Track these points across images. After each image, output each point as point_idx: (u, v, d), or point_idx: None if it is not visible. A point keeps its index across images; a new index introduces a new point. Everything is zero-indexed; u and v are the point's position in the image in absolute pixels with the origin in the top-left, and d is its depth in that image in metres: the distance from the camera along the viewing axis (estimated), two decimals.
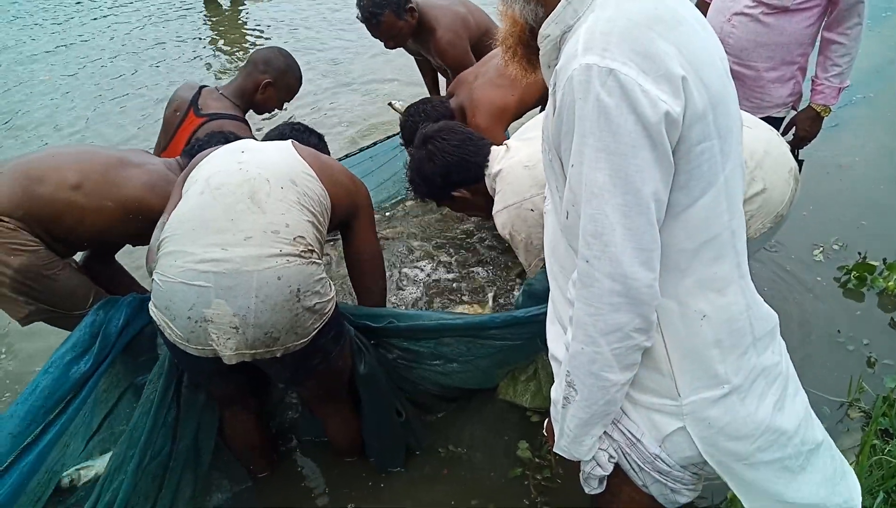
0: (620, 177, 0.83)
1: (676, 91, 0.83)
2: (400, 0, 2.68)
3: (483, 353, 1.93)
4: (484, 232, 3.00)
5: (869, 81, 4.45)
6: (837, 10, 2.17)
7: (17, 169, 1.80)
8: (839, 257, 2.79)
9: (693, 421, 0.99)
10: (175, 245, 1.55)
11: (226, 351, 1.52)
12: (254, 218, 1.54)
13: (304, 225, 1.60)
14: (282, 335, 1.53)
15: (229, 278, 1.48)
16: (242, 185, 1.59)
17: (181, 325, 1.52)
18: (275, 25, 6.64)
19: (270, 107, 2.54)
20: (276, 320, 1.51)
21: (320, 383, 1.77)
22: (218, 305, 1.48)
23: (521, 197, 1.76)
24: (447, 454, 2.06)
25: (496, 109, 2.53)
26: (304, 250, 1.56)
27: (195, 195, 1.62)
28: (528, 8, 0.99)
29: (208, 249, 1.51)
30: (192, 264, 1.50)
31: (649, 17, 0.85)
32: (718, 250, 0.94)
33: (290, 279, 1.51)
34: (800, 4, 2.17)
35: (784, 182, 1.71)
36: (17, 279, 1.75)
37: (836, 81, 2.27)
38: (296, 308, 1.52)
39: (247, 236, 1.52)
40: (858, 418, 2.08)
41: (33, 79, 5.64)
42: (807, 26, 2.22)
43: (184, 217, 1.59)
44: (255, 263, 1.49)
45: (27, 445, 1.63)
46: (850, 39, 2.20)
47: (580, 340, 0.94)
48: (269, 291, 1.49)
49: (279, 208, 1.57)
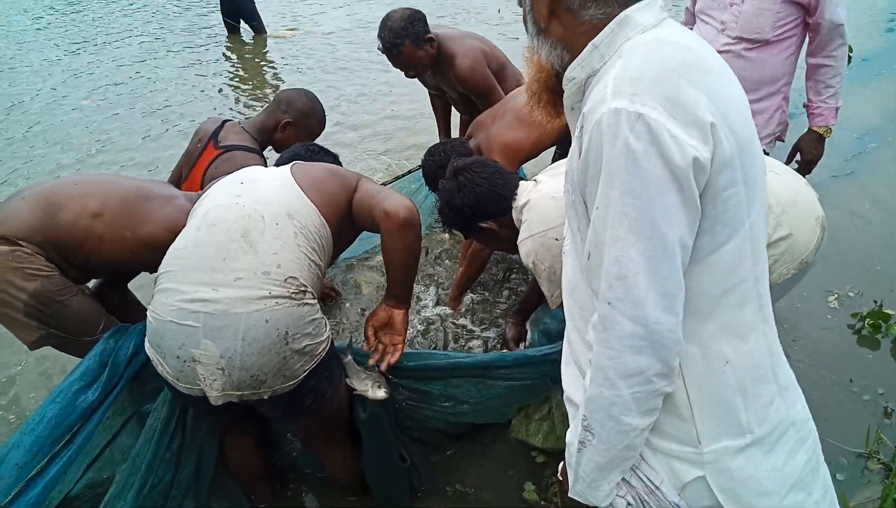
0: (647, 221, 0.83)
1: (705, 137, 0.83)
2: (419, 30, 2.77)
3: (493, 394, 1.90)
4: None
5: (884, 129, 4.49)
6: (819, 35, 2.20)
7: (39, 195, 1.82)
8: (854, 305, 2.76)
9: (714, 471, 0.96)
10: (168, 282, 1.55)
11: (212, 392, 1.50)
12: (245, 258, 1.52)
13: (298, 264, 1.56)
14: (269, 378, 1.50)
15: (218, 320, 1.46)
16: (237, 222, 1.57)
17: (171, 363, 1.51)
18: (293, 62, 6.78)
19: (288, 146, 2.57)
20: (262, 363, 1.48)
21: (315, 422, 1.73)
22: (206, 346, 1.47)
23: (547, 226, 1.77)
24: (454, 493, 2.02)
25: (510, 150, 2.59)
26: (295, 292, 1.53)
27: (192, 231, 1.61)
28: (555, 53, 1.00)
29: (199, 288, 1.50)
30: (183, 303, 1.49)
31: (679, 63, 0.86)
32: (742, 295, 0.93)
33: (278, 323, 1.48)
34: (779, 35, 2.21)
35: (810, 229, 1.71)
36: (30, 304, 1.75)
37: (833, 102, 2.31)
38: (284, 351, 1.49)
39: (237, 277, 1.50)
40: (877, 469, 2.03)
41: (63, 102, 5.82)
42: (787, 56, 2.27)
43: (178, 254, 1.59)
44: (244, 305, 1.47)
45: (33, 477, 1.61)
46: (838, 60, 2.23)
47: (599, 383, 0.93)
48: (256, 334, 1.47)
49: (272, 246, 1.54)
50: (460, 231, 2.10)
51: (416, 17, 2.78)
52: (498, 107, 2.75)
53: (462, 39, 2.93)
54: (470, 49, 2.88)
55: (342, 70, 6.40)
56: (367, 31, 7.78)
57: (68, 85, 6.34)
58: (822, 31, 2.18)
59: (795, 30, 2.24)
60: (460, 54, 2.85)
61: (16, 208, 1.80)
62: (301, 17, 8.56)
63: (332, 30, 7.85)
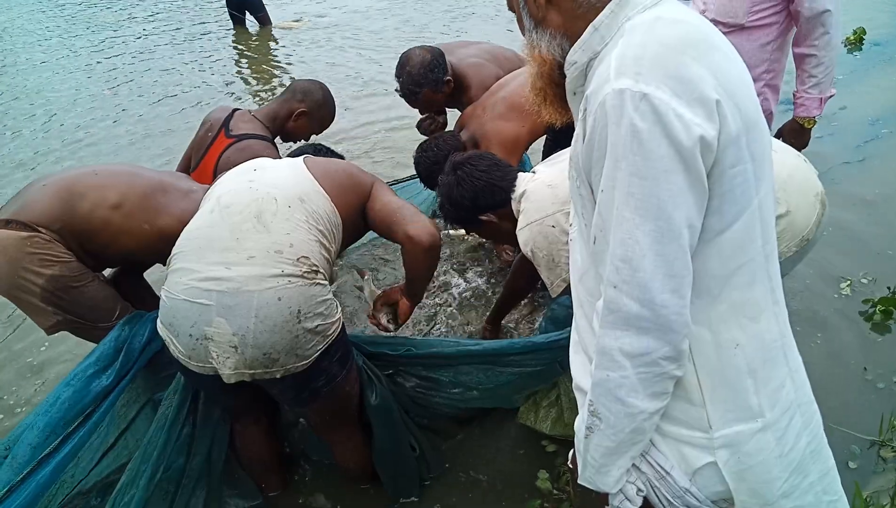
0: (653, 202, 0.82)
1: (710, 115, 0.82)
2: (438, 77, 2.71)
3: (502, 381, 1.90)
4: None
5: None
6: (800, 24, 2.16)
7: (59, 183, 1.85)
8: (867, 291, 2.73)
9: (725, 456, 0.95)
10: (182, 262, 1.57)
11: (225, 370, 1.52)
12: (258, 237, 1.55)
13: (310, 245, 1.59)
14: (281, 357, 1.52)
15: (231, 298, 1.49)
16: (250, 204, 1.60)
17: (183, 342, 1.53)
18: (299, 53, 6.78)
19: (299, 136, 2.58)
20: (274, 340, 1.50)
21: (326, 407, 1.75)
22: (219, 323, 1.48)
23: (544, 214, 1.77)
24: (467, 479, 2.03)
25: (509, 141, 2.56)
26: (308, 271, 1.56)
27: (206, 213, 1.64)
28: (555, 43, 0.98)
29: (212, 267, 1.52)
30: (196, 281, 1.52)
31: (681, 41, 0.85)
32: (752, 275, 0.92)
33: (290, 301, 1.50)
34: (755, 21, 2.18)
35: (809, 206, 1.70)
36: (47, 289, 1.77)
37: (815, 92, 2.26)
38: (296, 330, 1.51)
39: (250, 256, 1.52)
40: (892, 458, 2.01)
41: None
42: (765, 43, 2.23)
43: (192, 235, 1.62)
44: (257, 283, 1.49)
45: (45, 456, 1.63)
46: (820, 50, 2.17)
47: (604, 366, 0.92)
48: (269, 311, 1.49)
49: (285, 227, 1.57)
50: (462, 225, 2.10)
51: (435, 64, 2.70)
52: (487, 97, 2.70)
53: (475, 66, 2.88)
54: (485, 79, 2.82)
55: (347, 60, 6.41)
56: (371, 20, 7.78)
57: (79, 77, 6.40)
58: (803, 20, 2.13)
59: (776, 17, 2.19)
60: (475, 85, 2.81)
61: (36, 194, 1.82)
62: (306, 7, 8.55)
63: (337, 21, 7.86)
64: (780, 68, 2.35)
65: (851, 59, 5.52)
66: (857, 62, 5.44)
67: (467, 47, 3.05)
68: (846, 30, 5.81)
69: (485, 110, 2.64)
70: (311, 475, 2.10)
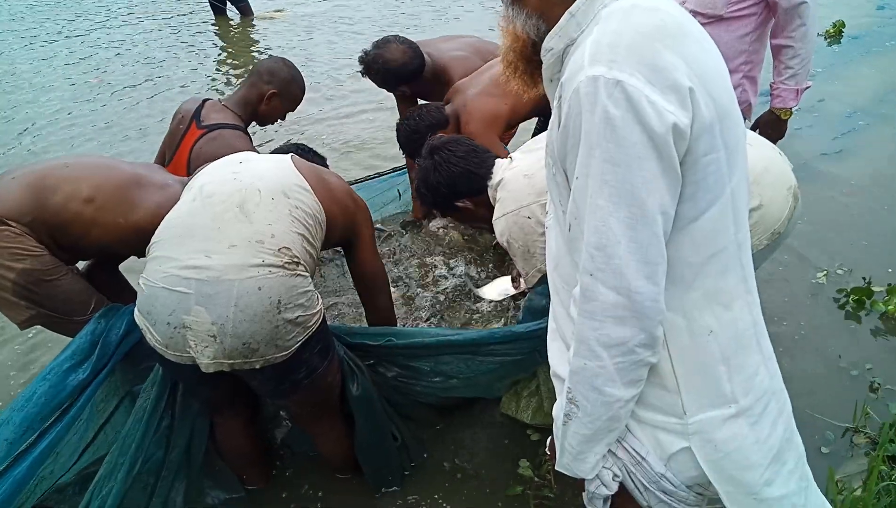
0: (626, 189, 0.83)
1: (684, 102, 0.82)
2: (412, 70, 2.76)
3: (483, 370, 1.91)
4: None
5: (873, 107, 4.50)
6: (778, 15, 2.19)
7: (30, 175, 1.81)
8: (842, 281, 2.77)
9: (699, 442, 0.96)
10: (161, 250, 1.56)
11: (203, 359, 1.51)
12: (240, 227, 1.54)
13: (292, 236, 1.58)
14: (261, 347, 1.51)
15: (210, 286, 1.47)
16: (233, 194, 1.59)
17: (161, 331, 1.51)
18: (279, 43, 6.73)
19: (274, 117, 2.54)
20: (254, 330, 1.48)
21: (307, 398, 1.74)
22: (197, 312, 1.47)
23: (519, 204, 1.78)
24: (451, 467, 2.04)
25: (488, 117, 2.59)
26: (288, 262, 1.54)
27: (187, 202, 1.63)
28: (531, 23, 0.99)
29: (192, 255, 1.51)
30: (176, 269, 1.50)
31: (656, 29, 0.85)
32: (725, 263, 0.93)
33: (270, 291, 1.49)
34: (734, 12, 2.20)
35: (783, 199, 1.72)
36: (18, 283, 1.74)
37: (792, 83, 2.29)
38: (276, 320, 1.50)
39: (231, 245, 1.51)
40: (864, 444, 2.05)
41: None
42: (743, 35, 2.25)
43: (172, 223, 1.60)
44: (237, 272, 1.48)
45: (22, 452, 1.61)
46: (797, 42, 2.20)
47: (582, 355, 0.92)
48: (249, 301, 1.47)
49: (267, 218, 1.56)
50: (437, 210, 2.11)
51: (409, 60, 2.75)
52: (475, 74, 2.73)
53: (457, 59, 2.89)
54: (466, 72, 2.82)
55: (329, 50, 6.39)
56: (353, 11, 7.72)
57: (59, 65, 6.28)
58: (781, 11, 2.16)
59: (755, 8, 2.22)
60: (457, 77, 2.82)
61: (6, 187, 1.78)
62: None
63: (315, 12, 7.81)
64: (758, 60, 2.37)
65: (830, 52, 5.60)
66: (836, 55, 5.52)
67: (450, 41, 3.06)
68: (826, 23, 5.88)
69: (470, 86, 2.67)
70: (294, 467, 2.09)
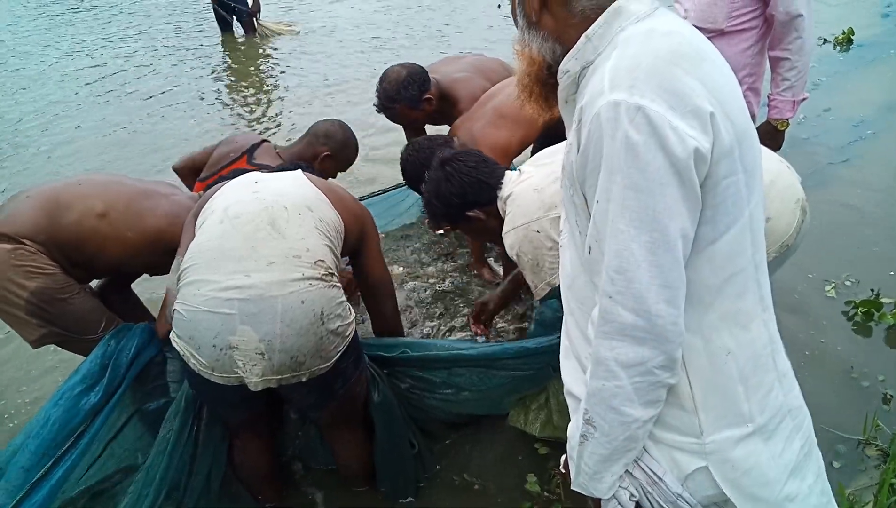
0: (648, 214, 0.83)
1: (705, 127, 0.83)
2: (413, 95, 2.73)
3: (495, 383, 1.92)
4: None
5: (881, 116, 4.48)
6: (775, 28, 2.21)
7: (43, 194, 1.84)
8: (851, 293, 2.76)
9: (716, 461, 0.97)
10: (197, 274, 1.56)
11: (252, 377, 1.52)
12: (275, 243, 1.56)
13: (323, 249, 1.62)
14: (307, 360, 1.53)
15: (254, 304, 1.49)
16: (261, 213, 1.61)
17: (206, 354, 1.51)
18: (287, 61, 6.76)
19: (325, 177, 2.56)
20: (301, 344, 1.51)
21: (340, 407, 1.77)
22: (243, 331, 1.48)
23: (529, 219, 1.78)
24: (461, 482, 2.04)
25: (499, 149, 2.57)
26: (325, 274, 1.58)
27: (214, 225, 1.63)
28: (547, 46, 0.99)
29: (231, 276, 1.52)
30: (216, 291, 1.51)
31: (674, 53, 0.86)
32: (743, 284, 0.93)
33: (313, 303, 1.52)
34: (735, 26, 2.23)
35: (790, 212, 1.72)
36: (31, 302, 1.75)
37: (789, 95, 2.31)
38: (320, 331, 1.53)
39: (269, 262, 1.53)
40: (875, 456, 2.04)
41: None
42: (745, 49, 2.28)
43: (203, 247, 1.60)
44: (279, 288, 1.50)
45: (38, 479, 1.61)
46: (794, 54, 2.22)
47: (600, 376, 0.93)
48: (294, 315, 1.49)
49: (299, 233, 1.59)
50: (448, 221, 2.10)
51: (410, 81, 2.71)
52: (477, 108, 2.71)
53: (464, 81, 2.88)
54: (473, 93, 2.82)
55: (337, 69, 6.43)
56: (361, 29, 7.75)
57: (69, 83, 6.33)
58: (778, 24, 2.18)
59: (755, 21, 2.24)
60: (463, 99, 2.82)
61: (20, 206, 1.81)
62: (294, 12, 8.52)
63: (320, 27, 7.87)
64: (760, 72, 2.40)
65: (836, 61, 5.59)
66: (841, 65, 5.51)
67: (453, 63, 3.08)
68: (836, 29, 5.90)
69: (475, 120, 2.66)
70: (307, 483, 2.09)
